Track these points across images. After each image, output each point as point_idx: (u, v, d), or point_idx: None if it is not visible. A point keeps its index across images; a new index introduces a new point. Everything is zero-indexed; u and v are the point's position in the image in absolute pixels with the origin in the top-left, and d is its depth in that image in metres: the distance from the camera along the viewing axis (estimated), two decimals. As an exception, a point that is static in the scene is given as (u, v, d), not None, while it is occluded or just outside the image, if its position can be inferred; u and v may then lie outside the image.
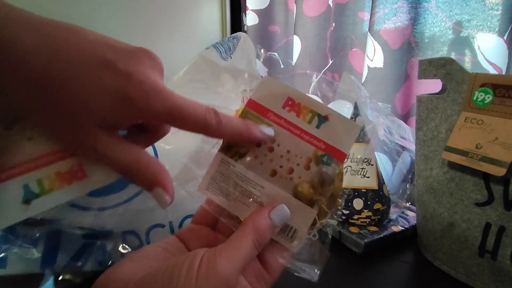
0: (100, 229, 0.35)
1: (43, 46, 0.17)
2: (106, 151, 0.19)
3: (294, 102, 0.25)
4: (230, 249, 0.19)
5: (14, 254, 0.34)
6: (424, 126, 0.40)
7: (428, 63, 0.39)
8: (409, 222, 0.49)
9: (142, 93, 0.18)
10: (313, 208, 0.23)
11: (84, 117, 0.18)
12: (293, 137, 0.24)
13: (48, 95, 0.17)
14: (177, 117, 0.19)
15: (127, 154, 0.20)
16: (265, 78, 0.26)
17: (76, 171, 0.20)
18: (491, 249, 0.34)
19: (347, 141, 0.24)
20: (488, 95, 0.34)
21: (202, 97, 0.43)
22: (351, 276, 0.39)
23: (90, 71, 0.17)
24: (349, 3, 0.74)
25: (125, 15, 0.76)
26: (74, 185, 0.20)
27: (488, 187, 0.34)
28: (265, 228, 0.21)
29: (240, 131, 0.22)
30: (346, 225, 0.47)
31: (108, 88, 0.18)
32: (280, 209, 0.23)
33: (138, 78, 0.18)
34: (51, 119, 0.18)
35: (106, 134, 0.19)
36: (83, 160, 0.20)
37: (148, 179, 0.20)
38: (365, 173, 0.47)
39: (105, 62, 0.18)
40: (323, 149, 0.24)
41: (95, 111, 0.18)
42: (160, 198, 0.20)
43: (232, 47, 0.49)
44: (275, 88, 0.25)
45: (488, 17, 0.54)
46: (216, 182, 0.24)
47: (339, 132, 0.24)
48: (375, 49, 0.66)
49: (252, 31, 0.96)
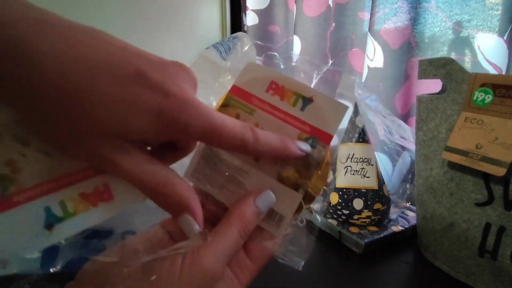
0: (100, 229, 0.35)
1: (66, 49, 0.15)
2: (133, 169, 0.17)
3: (277, 86, 0.24)
4: (215, 241, 0.19)
5: (14, 254, 0.34)
6: (424, 126, 0.40)
7: (428, 63, 0.39)
8: (409, 222, 0.49)
9: (180, 110, 0.17)
10: (298, 192, 0.23)
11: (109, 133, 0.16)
12: (276, 120, 0.24)
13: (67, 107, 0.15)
14: (215, 136, 0.18)
15: (156, 173, 0.18)
16: (249, 63, 0.25)
17: (102, 192, 0.19)
18: (491, 249, 0.34)
19: (333, 122, 0.23)
20: (488, 95, 0.34)
21: (202, 97, 0.43)
22: (351, 276, 0.39)
23: (121, 83, 0.16)
24: (349, 3, 0.74)
25: (125, 15, 0.76)
26: (101, 207, 0.19)
27: (488, 187, 0.34)
28: (250, 216, 0.21)
29: (277, 148, 0.21)
30: (346, 225, 0.47)
31: (141, 102, 0.16)
32: (265, 195, 0.22)
33: (175, 93, 0.17)
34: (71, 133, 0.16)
35: (134, 151, 0.17)
36: (109, 180, 0.19)
37: (176, 203, 0.19)
38: (365, 173, 0.47)
39: (139, 74, 0.16)
40: (308, 132, 0.23)
41: (125, 128, 0.16)
42: (188, 226, 0.19)
43: (232, 47, 0.49)
44: (258, 73, 0.25)
45: (488, 17, 0.54)
46: (201, 168, 0.24)
47: (325, 113, 0.23)
48: (375, 49, 0.66)
49: (252, 31, 0.96)
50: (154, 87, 0.16)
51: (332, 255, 0.22)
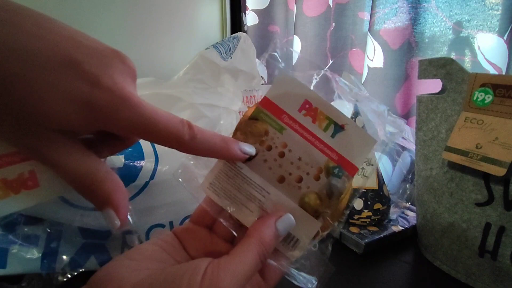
0: (100, 229, 0.35)
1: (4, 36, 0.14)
2: (59, 158, 0.17)
3: (311, 106, 0.23)
4: (234, 263, 0.18)
5: (14, 254, 0.34)
6: (424, 126, 0.40)
7: (428, 63, 0.39)
8: (409, 222, 0.49)
9: (108, 101, 0.16)
10: (318, 220, 0.22)
11: (37, 119, 0.16)
12: (306, 144, 0.23)
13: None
14: (147, 130, 0.18)
15: (83, 164, 0.18)
16: (282, 75, 0.24)
17: (27, 179, 0.18)
18: (491, 249, 0.34)
19: (360, 155, 0.23)
20: (488, 95, 0.34)
21: (202, 97, 0.43)
22: (351, 276, 0.39)
23: (50, 68, 0.15)
24: (349, 3, 0.74)
25: (125, 15, 0.76)
26: (23, 194, 0.18)
27: (488, 187, 0.34)
28: (270, 240, 0.21)
29: (217, 148, 0.21)
30: (346, 225, 0.47)
31: (70, 91, 0.16)
32: (286, 218, 0.22)
33: (105, 83, 0.16)
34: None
35: (62, 140, 0.17)
36: (36, 167, 0.18)
37: (100, 196, 0.18)
38: (365, 173, 0.47)
39: (69, 61, 0.16)
40: (335, 161, 0.23)
41: (51, 116, 0.16)
42: (110, 220, 0.18)
43: (232, 47, 0.49)
44: (292, 88, 0.24)
45: (488, 17, 0.54)
46: (219, 182, 0.23)
47: (354, 144, 0.23)
48: (375, 49, 0.66)
49: (252, 31, 0.96)
50: (85, 77, 0.16)
51: (332, 255, 0.23)
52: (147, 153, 0.35)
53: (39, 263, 0.34)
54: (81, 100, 0.16)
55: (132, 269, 0.19)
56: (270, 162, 0.23)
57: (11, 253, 0.33)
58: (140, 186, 0.35)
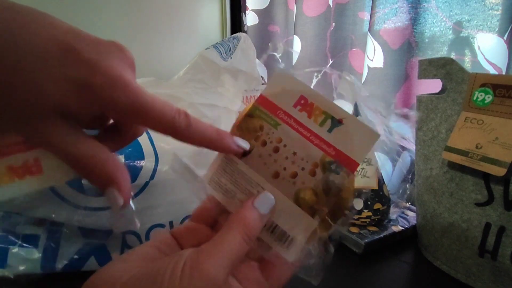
0: (100, 229, 0.35)
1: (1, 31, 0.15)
2: (61, 141, 0.18)
3: (307, 102, 0.23)
4: (216, 246, 0.18)
5: (14, 254, 0.34)
6: (424, 126, 0.40)
7: (428, 63, 0.39)
8: (409, 222, 0.49)
9: (106, 83, 0.17)
10: (314, 218, 0.22)
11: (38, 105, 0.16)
12: (301, 138, 0.23)
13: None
14: (143, 114, 0.18)
15: (83, 147, 0.18)
16: (278, 72, 0.24)
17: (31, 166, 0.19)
18: (491, 249, 0.34)
19: (361, 149, 0.22)
20: (488, 95, 0.34)
21: (202, 97, 0.43)
22: (351, 276, 0.39)
23: (49, 57, 0.16)
24: (349, 3, 0.74)
25: (125, 15, 0.76)
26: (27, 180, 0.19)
27: (488, 187, 0.34)
28: (254, 219, 0.20)
29: (211, 138, 0.21)
30: (346, 225, 0.47)
31: (68, 75, 0.16)
32: (263, 196, 0.22)
33: (104, 67, 0.17)
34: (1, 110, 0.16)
35: (63, 124, 0.18)
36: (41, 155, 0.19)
37: (103, 176, 0.19)
38: (365, 173, 0.47)
39: (68, 49, 0.16)
40: (332, 155, 0.22)
41: (51, 98, 0.16)
42: (112, 199, 0.19)
43: (232, 47, 0.49)
44: (288, 84, 0.24)
45: (488, 17, 0.54)
46: (218, 176, 0.24)
47: (354, 138, 0.22)
48: (375, 49, 0.66)
49: (252, 31, 0.96)
50: (84, 62, 0.17)
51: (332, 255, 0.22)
52: (147, 153, 0.35)
53: (39, 263, 0.34)
54: (80, 82, 0.17)
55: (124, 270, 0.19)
56: (265, 157, 0.23)
57: (11, 253, 0.33)
58: (140, 186, 0.35)
